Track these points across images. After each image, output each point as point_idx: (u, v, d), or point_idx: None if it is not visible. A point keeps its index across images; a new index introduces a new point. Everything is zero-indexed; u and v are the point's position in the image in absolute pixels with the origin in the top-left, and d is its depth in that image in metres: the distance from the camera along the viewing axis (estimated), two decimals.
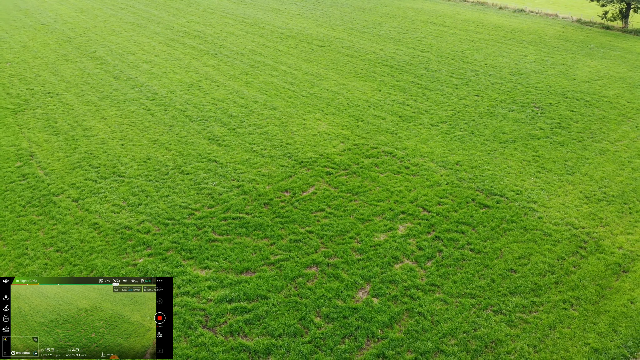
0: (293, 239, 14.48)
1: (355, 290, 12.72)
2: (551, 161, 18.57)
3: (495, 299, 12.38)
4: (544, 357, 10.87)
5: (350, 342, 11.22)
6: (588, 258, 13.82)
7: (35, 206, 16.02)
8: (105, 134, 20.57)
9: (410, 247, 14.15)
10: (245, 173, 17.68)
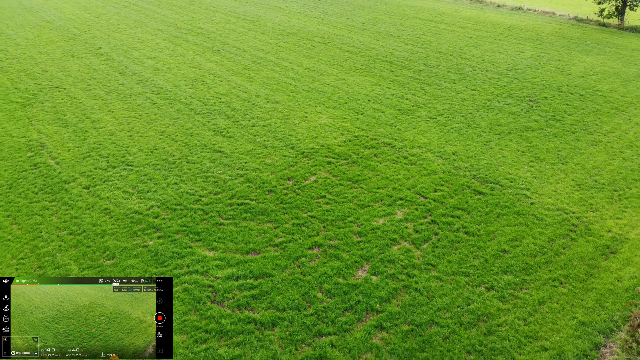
0: (296, 223, 15.13)
1: (355, 269, 13.37)
2: (545, 151, 19.23)
3: (488, 277, 13.04)
4: (533, 329, 11.53)
5: (350, 315, 11.88)
6: (577, 240, 14.47)
7: (48, 193, 16.69)
8: (113, 126, 21.24)
9: (407, 230, 14.81)
10: (249, 162, 18.35)
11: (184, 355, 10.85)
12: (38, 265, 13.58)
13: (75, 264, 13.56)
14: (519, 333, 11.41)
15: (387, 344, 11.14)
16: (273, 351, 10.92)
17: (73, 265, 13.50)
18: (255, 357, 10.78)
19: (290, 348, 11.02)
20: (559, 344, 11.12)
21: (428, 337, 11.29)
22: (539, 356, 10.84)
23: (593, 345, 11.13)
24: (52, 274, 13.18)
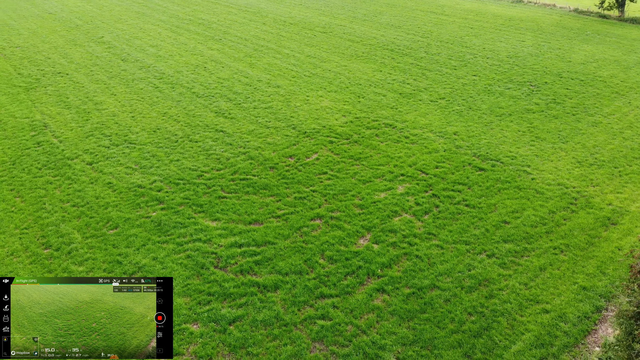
0: (298, 197, 15.22)
1: (356, 238, 13.45)
2: (545, 132, 19.32)
3: (489, 245, 13.11)
4: (534, 293, 11.59)
5: (352, 279, 11.96)
6: (578, 212, 14.55)
7: (51, 168, 16.78)
8: (116, 107, 21.36)
9: (408, 203, 14.89)
10: (251, 141, 18.45)
11: (187, 316, 10.93)
12: (41, 234, 13.66)
13: (79, 233, 13.65)
14: (520, 296, 11.47)
15: (389, 305, 11.21)
16: (276, 312, 11.00)
17: (76, 234, 13.59)
18: (258, 317, 10.85)
19: (293, 309, 11.09)
20: (560, 307, 11.19)
21: (429, 299, 11.37)
22: (540, 318, 10.90)
23: (594, 308, 11.19)
24: (55, 243, 13.26)
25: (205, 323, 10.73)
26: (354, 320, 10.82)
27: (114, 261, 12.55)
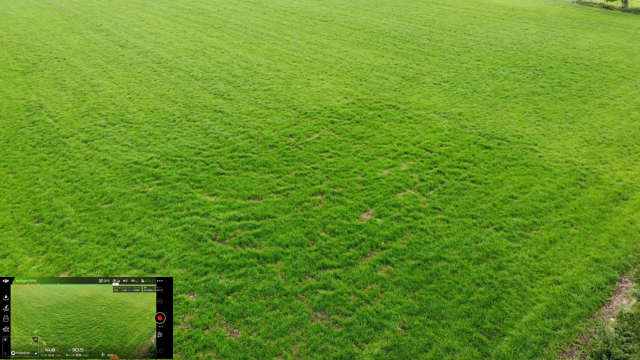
0: (298, 173, 14.79)
1: (359, 212, 13.01)
2: (551, 112, 18.89)
3: (497, 219, 12.67)
4: (544, 265, 11.14)
5: (354, 251, 11.51)
6: (588, 188, 14.11)
7: (45, 146, 16.35)
8: (113, 89, 20.94)
9: (412, 180, 14.45)
10: (250, 121, 18.02)
11: (182, 286, 10.48)
12: (34, 208, 13.23)
13: (72, 207, 13.20)
14: (530, 268, 11.02)
15: (393, 276, 10.76)
16: (276, 282, 10.55)
17: (69, 208, 13.15)
18: (257, 287, 10.40)
19: (294, 279, 10.64)
20: (572, 278, 10.74)
21: (435, 270, 10.92)
22: (551, 289, 10.45)
23: (608, 279, 10.73)
24: (47, 216, 12.82)
25: (202, 293, 10.28)
26: (357, 290, 10.37)
27: (107, 234, 12.10)
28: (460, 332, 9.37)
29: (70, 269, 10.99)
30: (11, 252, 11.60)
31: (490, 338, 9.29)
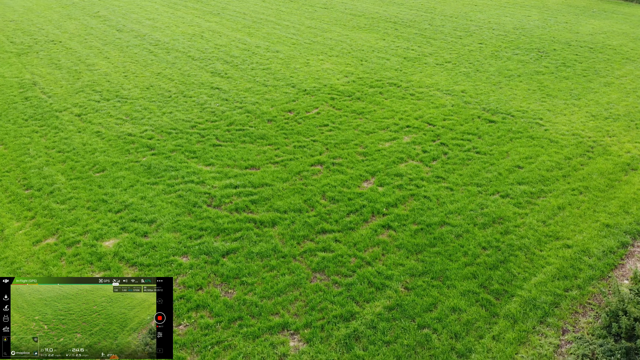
0: (297, 145, 14.35)
1: (360, 181, 12.56)
2: (556, 90, 18.48)
3: (502, 187, 12.22)
4: (553, 230, 10.70)
5: (355, 217, 11.06)
6: (595, 159, 13.67)
7: (38, 119, 15.92)
8: (108, 68, 20.53)
9: (415, 151, 14.02)
10: (248, 97, 17.60)
11: (175, 249, 10.02)
12: (23, 177, 12.78)
13: (63, 175, 12.75)
14: (539, 232, 10.57)
15: (395, 240, 10.31)
16: (273, 244, 10.09)
17: (60, 176, 12.70)
18: (254, 250, 9.95)
19: (292, 242, 10.19)
20: (582, 242, 10.29)
21: (439, 235, 10.47)
22: (561, 252, 10.00)
23: (620, 243, 10.28)
24: (37, 184, 12.37)
25: (196, 255, 9.82)
26: (357, 252, 9.92)
27: (98, 200, 11.65)
28: (467, 292, 8.92)
29: (58, 233, 10.53)
30: None
31: (498, 299, 8.83)
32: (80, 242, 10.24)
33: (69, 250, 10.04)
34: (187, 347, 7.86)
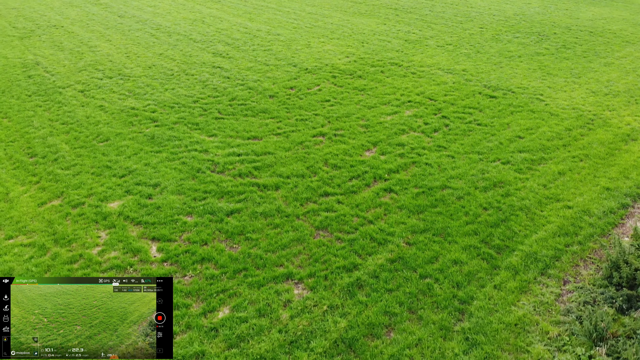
0: (299, 119, 14.45)
1: (362, 150, 12.66)
2: (557, 69, 18.57)
3: (503, 155, 12.32)
4: (554, 193, 10.79)
5: (357, 182, 11.15)
6: (596, 130, 13.76)
7: (41, 95, 16.01)
8: (110, 49, 20.62)
9: (416, 123, 14.11)
10: (249, 75, 17.69)
11: (180, 209, 10.12)
12: (27, 145, 12.87)
13: (67, 145, 12.84)
14: (539, 195, 10.67)
15: (397, 202, 10.40)
16: (277, 205, 10.19)
17: (64, 145, 12.79)
18: (257, 209, 10.04)
19: (295, 204, 10.28)
20: (582, 204, 10.38)
21: (440, 197, 10.56)
22: (562, 212, 10.09)
23: (620, 205, 10.37)
24: (41, 152, 12.46)
25: (200, 215, 9.91)
26: (359, 212, 10.01)
27: (102, 166, 11.74)
28: (468, 247, 9.01)
29: (63, 196, 10.62)
30: (2, 182, 11.24)
31: (499, 253, 8.92)
32: (85, 204, 10.33)
33: (74, 210, 10.13)
34: (193, 295, 7.95)
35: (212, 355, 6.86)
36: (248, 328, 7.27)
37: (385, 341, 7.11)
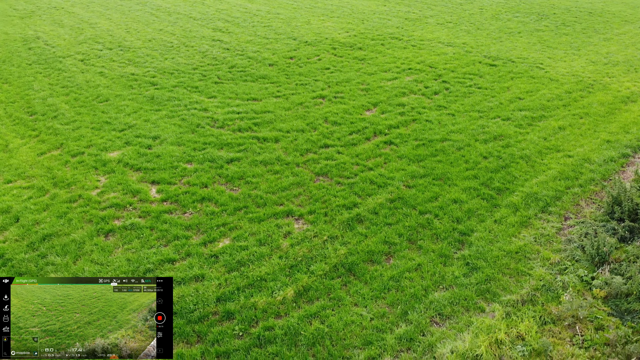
0: (299, 84, 14.43)
1: (362, 110, 12.64)
2: (557, 43, 18.58)
3: (504, 113, 12.31)
4: (554, 144, 10.77)
5: (357, 136, 11.14)
6: (595, 93, 13.75)
7: (41, 64, 16.00)
8: (111, 26, 20.63)
9: (417, 87, 14.10)
10: (249, 47, 17.69)
11: (179, 157, 10.10)
12: (27, 106, 12.85)
13: (67, 105, 12.83)
14: (540, 146, 10.65)
15: (397, 152, 10.38)
16: (277, 155, 10.16)
17: (64, 105, 12.77)
18: (257, 158, 10.02)
19: (295, 153, 10.26)
20: (583, 153, 10.36)
21: (440, 148, 10.54)
22: (562, 160, 10.07)
23: (621, 154, 10.36)
24: (41, 110, 12.45)
25: (200, 162, 9.89)
26: (359, 161, 9.99)
27: (102, 122, 11.72)
28: (468, 189, 8.99)
29: (62, 147, 10.60)
30: (2, 136, 11.23)
31: (500, 194, 8.91)
32: (84, 153, 10.31)
33: (74, 159, 10.11)
34: (193, 228, 7.93)
35: (211, 278, 6.83)
36: (248, 255, 7.25)
37: (384, 266, 7.08)
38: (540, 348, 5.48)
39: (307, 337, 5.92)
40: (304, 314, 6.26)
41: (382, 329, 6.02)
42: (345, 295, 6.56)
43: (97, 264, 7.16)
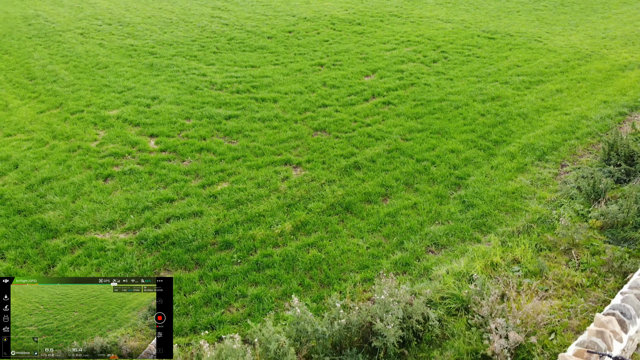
0: (297, 53, 14.47)
1: (361, 76, 12.68)
2: (555, 20, 18.61)
3: (502, 77, 12.34)
4: (552, 104, 10.82)
5: (355, 97, 11.17)
6: (593, 62, 13.79)
7: (41, 37, 16.03)
8: (110, 5, 20.66)
9: (416, 56, 14.13)
10: (248, 22, 17.72)
11: (178, 114, 10.11)
12: (27, 72, 12.88)
13: (67, 71, 12.86)
14: (537, 105, 10.70)
15: (395, 111, 10.42)
16: (275, 113, 10.21)
17: (64, 72, 12.81)
18: (256, 115, 10.06)
19: (293, 112, 10.30)
20: (580, 112, 10.41)
21: (438, 107, 10.58)
22: (560, 117, 10.12)
23: (617, 112, 10.40)
24: (41, 75, 12.49)
25: (198, 118, 9.94)
26: (357, 118, 10.04)
27: (101, 85, 11.76)
28: (465, 141, 9.04)
29: (62, 106, 10.65)
30: (2, 97, 11.27)
31: (496, 145, 8.95)
32: (84, 111, 10.36)
33: (73, 116, 10.16)
34: (191, 173, 7.98)
35: (210, 214, 6.88)
36: (247, 195, 7.30)
37: (381, 205, 7.13)
38: (536, 269, 5.53)
39: (305, 262, 5.97)
40: (301, 244, 6.31)
41: (378, 255, 6.08)
42: (342, 229, 6.61)
43: (95, 202, 7.20)
